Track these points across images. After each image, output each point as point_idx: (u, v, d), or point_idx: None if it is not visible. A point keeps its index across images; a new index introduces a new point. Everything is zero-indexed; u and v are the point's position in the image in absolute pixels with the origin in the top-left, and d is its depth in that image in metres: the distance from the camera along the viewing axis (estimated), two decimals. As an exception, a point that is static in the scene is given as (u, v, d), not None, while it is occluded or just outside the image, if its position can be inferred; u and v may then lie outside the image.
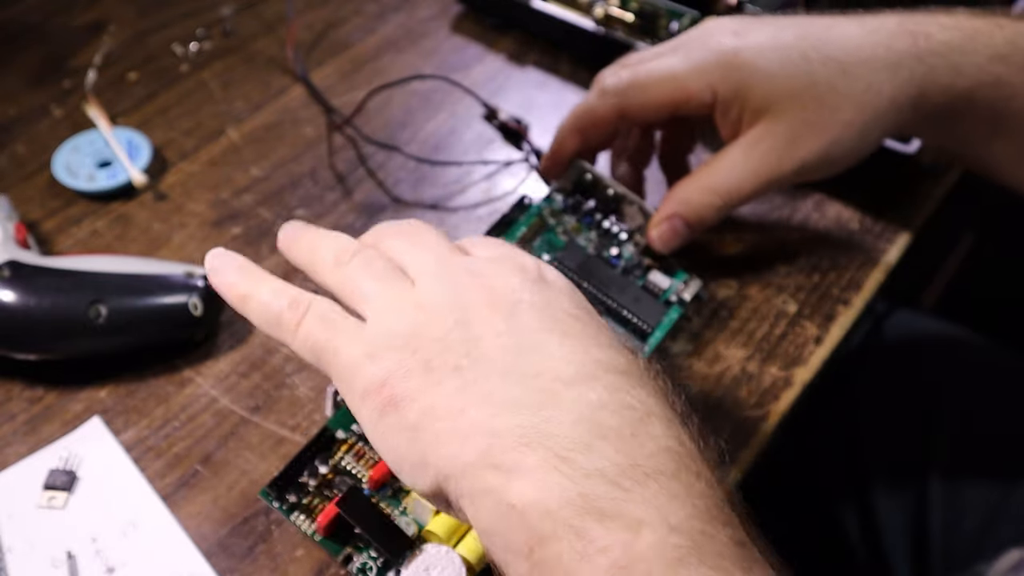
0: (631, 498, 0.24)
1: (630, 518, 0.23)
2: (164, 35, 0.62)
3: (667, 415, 0.27)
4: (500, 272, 0.30)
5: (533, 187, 0.52)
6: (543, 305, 0.29)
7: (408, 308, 0.29)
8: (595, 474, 0.24)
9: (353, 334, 0.29)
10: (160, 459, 0.40)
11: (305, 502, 0.36)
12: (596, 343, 0.28)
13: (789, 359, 0.44)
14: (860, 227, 0.49)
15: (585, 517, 0.24)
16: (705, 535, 0.24)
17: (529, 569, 0.24)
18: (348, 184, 0.52)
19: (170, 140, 0.55)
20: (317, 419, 0.41)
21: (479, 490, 0.25)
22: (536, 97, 0.58)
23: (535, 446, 0.25)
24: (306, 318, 0.30)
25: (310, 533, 0.35)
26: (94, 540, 0.37)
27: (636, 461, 0.25)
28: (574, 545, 0.23)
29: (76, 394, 0.42)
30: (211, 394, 0.42)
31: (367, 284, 0.30)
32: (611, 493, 0.24)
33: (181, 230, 0.50)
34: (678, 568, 0.23)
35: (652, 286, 0.43)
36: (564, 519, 0.24)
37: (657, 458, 0.25)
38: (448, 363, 0.27)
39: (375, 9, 0.65)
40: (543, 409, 0.26)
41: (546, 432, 0.25)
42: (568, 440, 0.25)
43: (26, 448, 0.40)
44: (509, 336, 0.28)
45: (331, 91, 0.58)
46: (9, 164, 0.53)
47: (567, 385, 0.26)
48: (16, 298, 0.40)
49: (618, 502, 0.24)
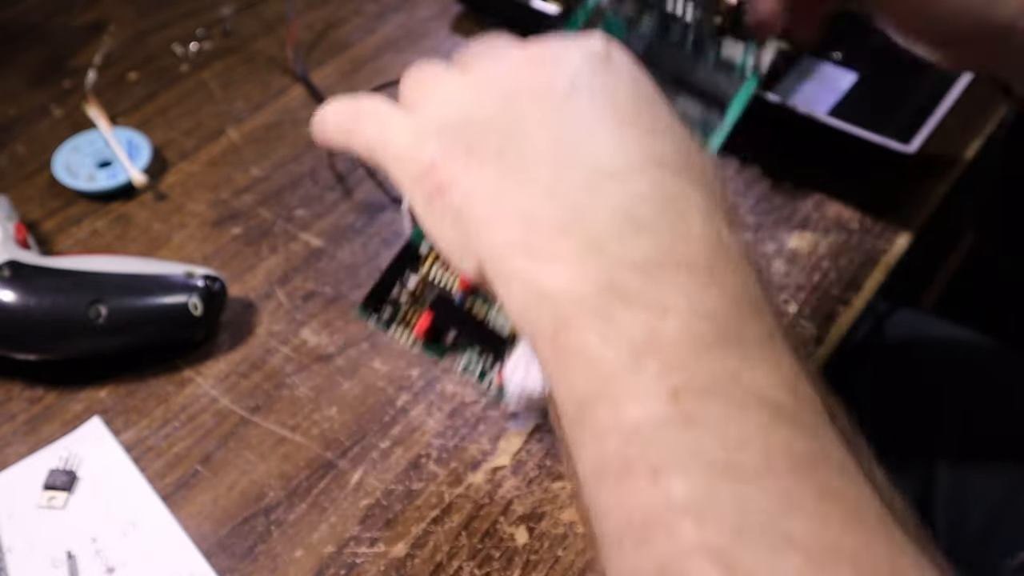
0: (660, 286, 0.23)
1: (657, 304, 0.23)
2: (164, 35, 0.62)
3: (710, 210, 0.26)
4: (561, 55, 0.28)
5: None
6: (602, 90, 0.27)
7: (456, 93, 0.29)
8: (626, 263, 0.24)
9: (402, 124, 0.29)
10: (160, 459, 0.40)
11: (400, 315, 0.35)
12: (652, 133, 0.27)
13: (789, 359, 0.44)
14: (860, 227, 0.49)
15: (612, 303, 0.23)
16: (733, 324, 0.23)
17: (554, 353, 0.24)
18: (348, 184, 0.52)
19: (170, 140, 0.55)
20: (317, 419, 0.41)
21: (511, 274, 0.25)
22: (536, 97, 0.57)
23: (569, 234, 0.25)
24: (360, 119, 0.30)
25: (410, 343, 0.35)
26: (94, 540, 0.37)
27: (670, 253, 0.24)
28: (598, 329, 0.23)
29: (76, 394, 0.42)
30: (211, 394, 0.42)
31: (421, 76, 0.30)
32: (640, 281, 0.24)
33: (181, 230, 0.50)
34: (702, 353, 0.22)
35: (725, 61, 0.41)
36: (591, 305, 0.24)
37: (692, 250, 0.24)
38: (491, 147, 0.27)
39: (375, 9, 0.65)
40: (582, 198, 0.25)
41: (582, 220, 0.25)
42: (603, 229, 0.25)
43: (26, 448, 0.40)
44: (558, 122, 0.27)
45: (331, 91, 0.58)
46: (9, 164, 0.53)
47: (611, 176, 0.26)
48: (16, 298, 0.40)
49: (647, 289, 0.23)
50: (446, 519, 0.38)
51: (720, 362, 0.22)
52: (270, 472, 0.40)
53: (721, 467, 0.21)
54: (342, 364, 0.44)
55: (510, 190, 0.26)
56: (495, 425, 0.41)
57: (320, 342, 0.44)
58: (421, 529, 0.38)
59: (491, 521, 0.38)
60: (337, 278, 0.47)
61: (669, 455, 0.22)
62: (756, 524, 0.20)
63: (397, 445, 0.41)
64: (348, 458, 0.40)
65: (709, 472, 0.21)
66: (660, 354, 0.22)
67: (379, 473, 0.40)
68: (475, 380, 0.35)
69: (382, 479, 0.40)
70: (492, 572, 0.37)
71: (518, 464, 0.40)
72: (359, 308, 0.36)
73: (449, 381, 0.43)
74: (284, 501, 0.39)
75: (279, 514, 0.38)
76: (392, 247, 0.49)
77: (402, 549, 0.37)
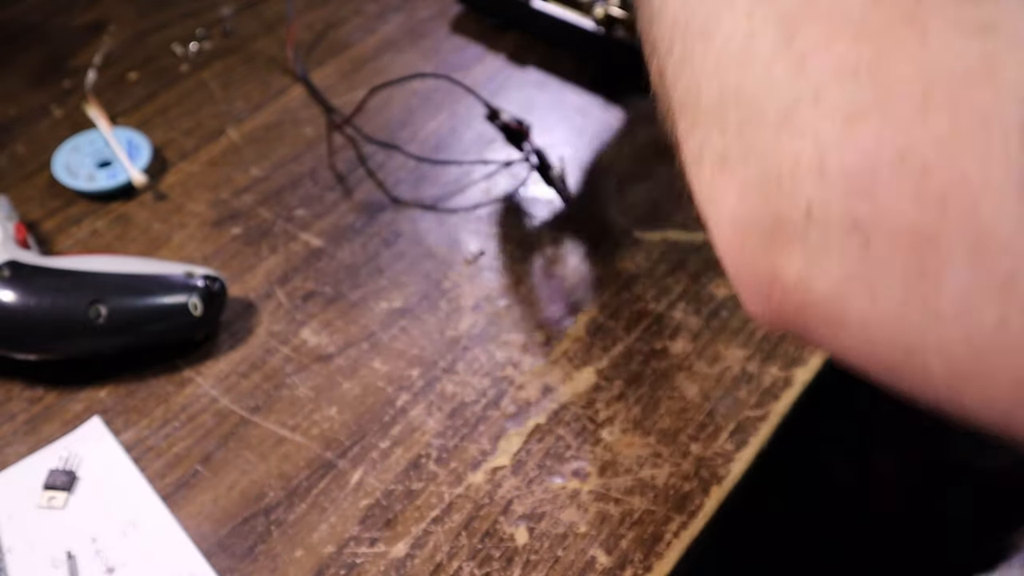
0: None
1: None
2: (164, 35, 0.62)
3: None
4: None
5: (534, 188, 0.52)
6: None
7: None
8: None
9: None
10: (160, 459, 0.40)
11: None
12: None
13: (789, 359, 0.44)
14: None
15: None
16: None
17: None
18: (348, 184, 0.52)
19: (170, 140, 0.55)
20: (317, 419, 0.41)
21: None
22: (536, 97, 0.58)
23: None
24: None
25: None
26: (94, 540, 0.37)
27: None
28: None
29: (76, 394, 0.42)
30: (211, 394, 0.42)
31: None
32: None
33: (181, 230, 0.50)
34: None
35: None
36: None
37: None
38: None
39: (375, 9, 0.65)
40: None
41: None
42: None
43: (26, 448, 0.40)
44: None
45: (331, 91, 0.58)
46: (9, 164, 0.53)
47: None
48: (16, 298, 0.40)
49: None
50: (446, 519, 0.38)
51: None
52: (270, 472, 0.40)
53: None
54: (342, 364, 0.44)
55: None
56: (495, 425, 0.41)
57: (320, 342, 0.44)
58: (421, 529, 0.38)
59: (491, 521, 0.38)
60: (337, 278, 0.47)
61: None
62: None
63: (397, 445, 0.41)
64: (348, 458, 0.40)
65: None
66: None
67: (379, 473, 0.40)
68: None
69: (382, 479, 0.40)
70: (492, 572, 0.37)
71: (518, 464, 0.40)
72: None
73: (449, 381, 0.43)
74: (284, 501, 0.39)
75: (279, 514, 0.38)
76: (392, 247, 0.49)
77: (402, 549, 0.37)
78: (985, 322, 0.18)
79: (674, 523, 0.38)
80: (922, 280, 0.18)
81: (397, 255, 0.48)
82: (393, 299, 0.46)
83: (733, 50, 0.23)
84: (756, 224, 0.22)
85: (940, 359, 0.19)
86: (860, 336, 0.20)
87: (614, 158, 0.54)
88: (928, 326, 0.18)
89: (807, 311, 0.21)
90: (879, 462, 0.54)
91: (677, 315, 0.46)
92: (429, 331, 0.45)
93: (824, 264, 0.20)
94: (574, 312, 0.46)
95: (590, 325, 0.45)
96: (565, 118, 0.56)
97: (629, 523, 0.38)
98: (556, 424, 0.41)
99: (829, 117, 0.20)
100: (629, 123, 0.56)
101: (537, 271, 0.48)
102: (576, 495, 0.39)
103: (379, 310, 0.46)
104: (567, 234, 0.49)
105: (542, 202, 0.51)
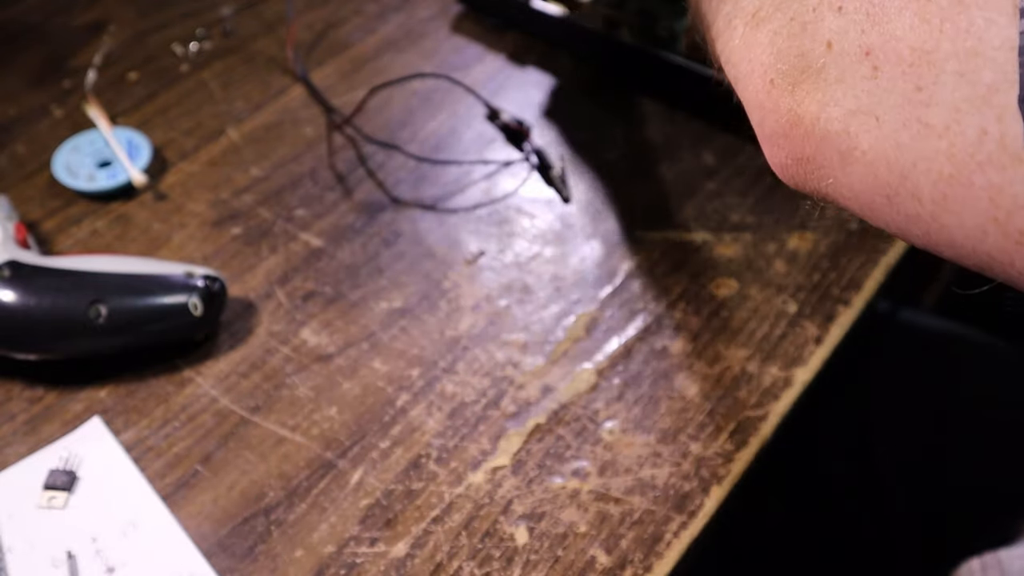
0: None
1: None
2: (164, 35, 0.62)
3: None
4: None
5: (534, 188, 0.52)
6: None
7: None
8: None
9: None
10: (160, 459, 0.40)
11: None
12: None
13: (789, 359, 0.44)
14: (860, 227, 0.49)
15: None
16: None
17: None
18: (348, 184, 0.52)
19: (170, 140, 0.55)
20: (317, 419, 0.41)
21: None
22: (536, 97, 0.58)
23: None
24: None
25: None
26: (94, 540, 0.37)
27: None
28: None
29: (76, 394, 0.42)
30: (211, 394, 0.42)
31: None
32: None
33: (181, 230, 0.50)
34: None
35: None
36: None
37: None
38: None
39: (375, 9, 0.65)
40: None
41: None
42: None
43: (26, 448, 0.40)
44: None
45: (331, 91, 0.58)
46: (9, 164, 0.53)
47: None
48: (16, 298, 0.40)
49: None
50: (446, 519, 0.38)
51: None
52: (270, 472, 0.40)
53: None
54: (342, 364, 0.44)
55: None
56: (495, 425, 0.41)
57: (320, 342, 0.44)
58: (421, 529, 0.38)
59: (491, 521, 0.38)
60: (337, 278, 0.47)
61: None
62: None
63: (397, 445, 0.41)
64: (348, 458, 0.40)
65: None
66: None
67: (379, 473, 0.40)
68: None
69: (382, 479, 0.40)
70: (492, 572, 0.37)
71: (518, 464, 0.40)
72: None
73: (449, 381, 0.43)
74: (284, 501, 0.39)
75: (279, 514, 0.38)
76: (392, 247, 0.49)
77: (402, 549, 0.37)
78: (968, 133, 0.20)
79: (674, 523, 0.38)
80: (918, 95, 0.21)
81: (397, 255, 0.48)
82: (393, 299, 0.46)
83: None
84: (783, 66, 0.25)
85: (928, 179, 0.21)
86: (865, 167, 0.23)
87: (614, 158, 0.54)
88: (921, 141, 0.21)
89: (823, 146, 0.24)
90: (879, 462, 0.54)
91: (677, 315, 0.46)
92: (429, 331, 0.45)
93: (838, 96, 0.23)
94: (574, 312, 0.46)
95: (590, 325, 0.45)
96: (565, 118, 0.56)
97: (629, 523, 0.38)
98: (556, 424, 0.41)
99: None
100: (629, 123, 0.56)
101: (537, 271, 0.48)
102: (576, 495, 0.39)
103: (379, 310, 0.46)
104: (567, 234, 0.49)
105: (542, 202, 0.51)
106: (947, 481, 0.52)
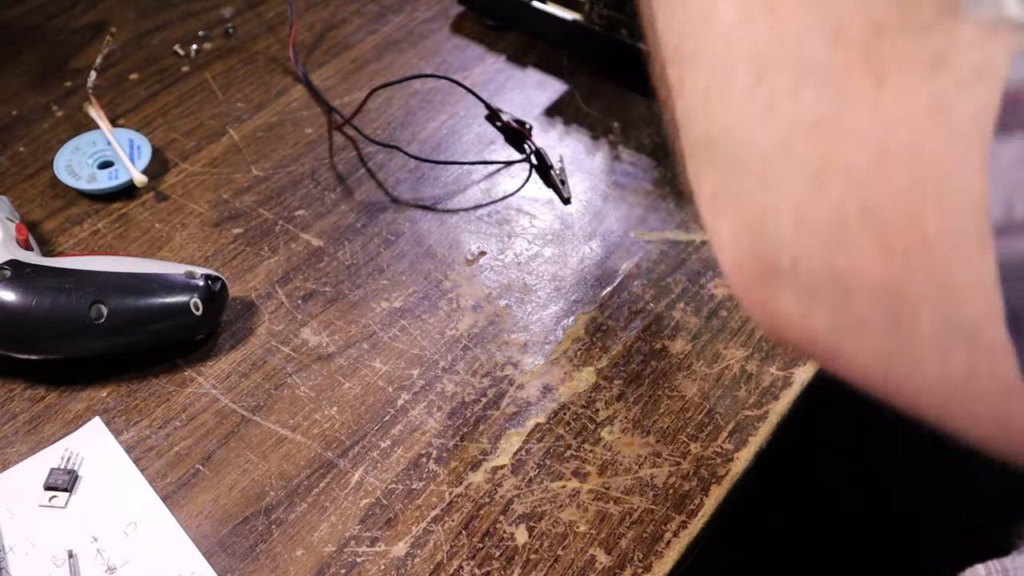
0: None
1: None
2: (165, 36, 0.62)
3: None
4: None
5: (534, 188, 0.52)
6: None
7: None
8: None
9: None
10: (161, 459, 0.40)
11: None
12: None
13: (789, 359, 0.44)
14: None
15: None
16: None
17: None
18: (348, 184, 0.52)
19: (171, 140, 0.55)
20: (317, 419, 0.42)
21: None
22: (536, 97, 0.58)
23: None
24: None
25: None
26: (95, 539, 0.37)
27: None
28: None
29: (77, 394, 0.42)
30: (212, 394, 0.43)
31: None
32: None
33: (182, 230, 0.50)
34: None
35: None
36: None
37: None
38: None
39: (375, 10, 0.65)
40: None
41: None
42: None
43: (27, 448, 0.40)
44: None
45: (332, 91, 0.58)
46: (11, 164, 0.53)
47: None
48: (18, 298, 0.40)
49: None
50: (446, 518, 0.38)
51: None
52: (270, 472, 0.40)
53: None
54: (342, 364, 0.44)
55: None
56: (495, 425, 0.41)
57: (320, 342, 0.45)
58: (421, 528, 0.38)
59: (491, 521, 0.38)
60: (337, 278, 0.47)
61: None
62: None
63: (397, 445, 0.41)
64: (348, 458, 0.40)
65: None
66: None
67: (379, 473, 0.40)
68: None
69: (382, 479, 0.40)
70: (492, 572, 0.37)
71: (518, 464, 0.40)
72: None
73: (449, 381, 0.43)
74: (284, 501, 0.39)
75: (279, 514, 0.38)
76: (392, 247, 0.49)
77: (402, 548, 0.38)
78: (957, 367, 0.18)
79: (674, 522, 0.38)
80: (899, 328, 0.19)
81: (397, 255, 0.48)
82: (393, 299, 0.46)
83: (716, 83, 0.23)
84: (751, 263, 0.22)
85: (927, 398, 0.20)
86: (856, 370, 0.21)
87: (614, 158, 0.54)
88: (912, 368, 0.19)
89: (806, 344, 0.22)
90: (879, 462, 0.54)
91: (677, 315, 0.46)
92: (429, 331, 0.45)
93: (815, 309, 0.21)
94: (574, 312, 0.46)
95: (590, 325, 0.45)
96: (564, 118, 0.56)
97: (629, 522, 0.38)
98: (556, 424, 0.42)
99: (798, 171, 0.20)
100: (629, 123, 0.56)
101: (537, 271, 0.48)
102: (576, 495, 0.39)
103: (379, 310, 0.46)
104: (567, 234, 0.50)
105: (542, 202, 0.51)
106: (947, 482, 0.52)
